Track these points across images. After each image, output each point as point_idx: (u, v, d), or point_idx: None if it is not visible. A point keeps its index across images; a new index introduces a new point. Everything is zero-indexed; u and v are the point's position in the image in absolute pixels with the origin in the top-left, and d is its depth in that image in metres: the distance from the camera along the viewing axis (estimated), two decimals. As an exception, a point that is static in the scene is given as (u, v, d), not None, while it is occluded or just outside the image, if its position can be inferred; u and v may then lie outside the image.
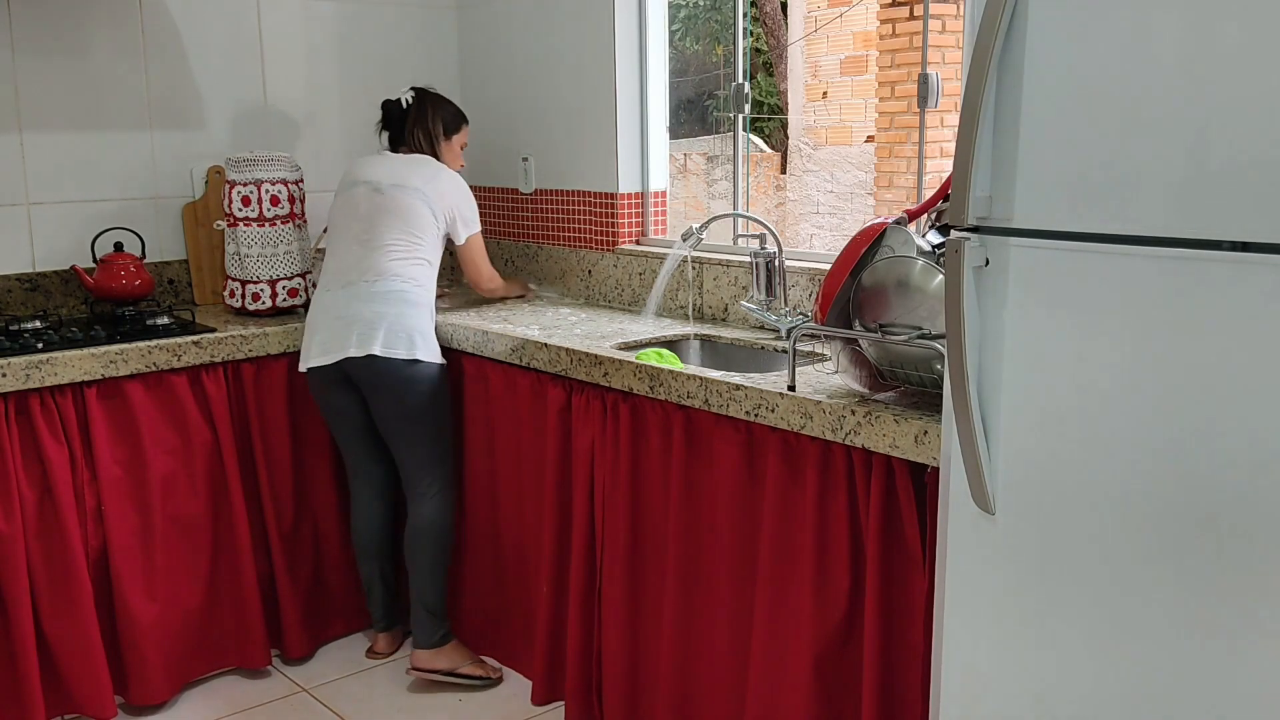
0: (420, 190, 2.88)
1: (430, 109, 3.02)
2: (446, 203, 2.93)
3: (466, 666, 2.90)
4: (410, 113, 3.01)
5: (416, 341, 2.79)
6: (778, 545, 2.15)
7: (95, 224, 3.14)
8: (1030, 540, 1.54)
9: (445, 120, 3.04)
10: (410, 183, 2.89)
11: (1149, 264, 1.36)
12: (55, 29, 3.03)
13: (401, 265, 2.83)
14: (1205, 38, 1.29)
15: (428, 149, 3.01)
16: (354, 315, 2.77)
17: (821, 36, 8.98)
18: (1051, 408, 1.49)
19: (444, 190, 2.92)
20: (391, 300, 2.79)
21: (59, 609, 2.62)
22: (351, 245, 2.86)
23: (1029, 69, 1.46)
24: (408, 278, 2.83)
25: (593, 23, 3.28)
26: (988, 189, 1.52)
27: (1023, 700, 1.58)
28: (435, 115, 3.02)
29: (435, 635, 2.89)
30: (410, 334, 2.78)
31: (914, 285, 1.90)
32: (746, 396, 2.15)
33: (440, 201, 2.91)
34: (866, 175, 8.23)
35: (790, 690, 2.15)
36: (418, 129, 3.01)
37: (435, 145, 3.02)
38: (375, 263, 2.82)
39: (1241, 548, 1.32)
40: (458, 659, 2.90)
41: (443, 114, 3.04)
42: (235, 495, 2.86)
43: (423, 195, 2.88)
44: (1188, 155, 1.32)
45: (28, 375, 2.52)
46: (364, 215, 2.87)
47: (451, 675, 2.88)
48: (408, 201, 2.87)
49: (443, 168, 2.97)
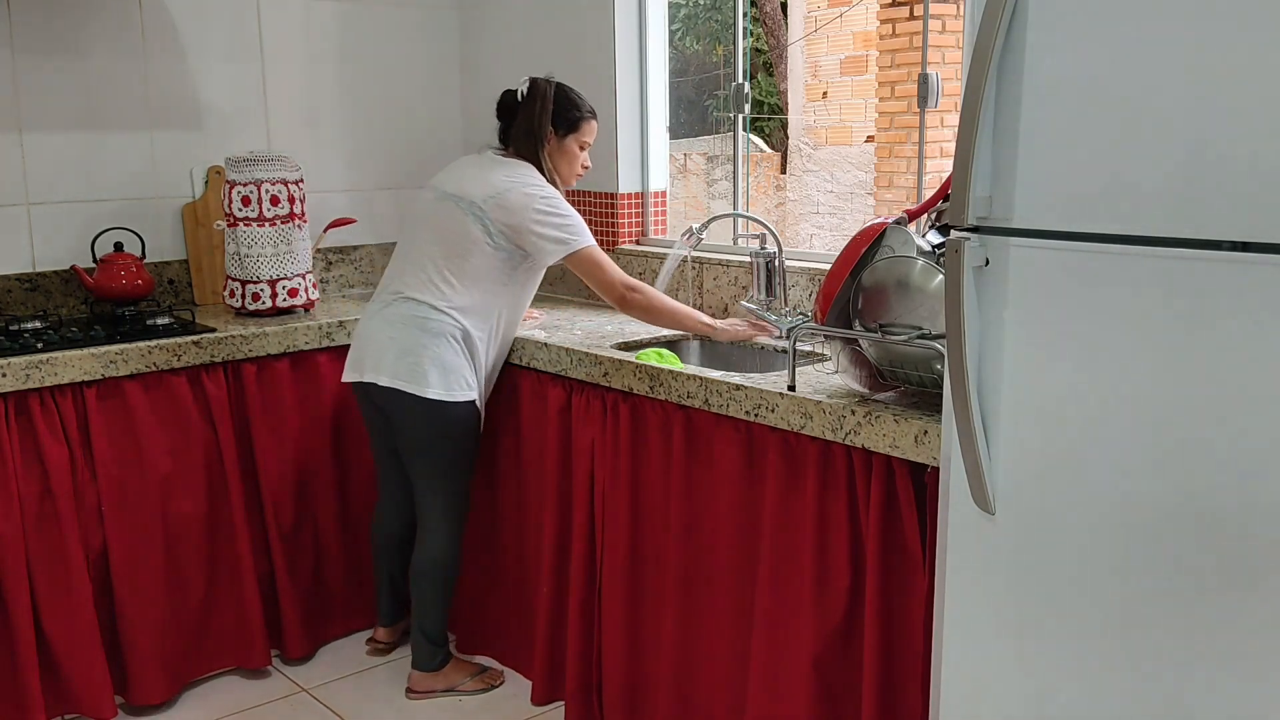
0: (475, 204, 2.59)
1: (539, 102, 2.66)
2: (511, 220, 2.57)
3: (465, 683, 2.87)
4: (520, 108, 2.69)
5: (428, 377, 2.58)
6: (778, 545, 2.15)
7: (95, 224, 3.14)
8: (1030, 540, 1.54)
9: (557, 115, 2.68)
10: (469, 193, 2.61)
11: (1149, 264, 1.36)
12: (55, 29, 3.03)
13: (429, 288, 2.61)
14: (1205, 38, 1.29)
15: (528, 150, 2.67)
16: (370, 335, 2.67)
17: (821, 36, 8.98)
18: (1051, 408, 1.49)
19: (508, 205, 2.57)
20: (409, 325, 2.61)
21: (59, 609, 2.62)
22: (394, 258, 2.74)
23: (1029, 69, 1.46)
24: (433, 302, 2.61)
25: (593, 23, 3.28)
26: (988, 189, 1.52)
27: (1023, 700, 1.58)
28: (543, 110, 2.66)
29: (433, 661, 2.84)
30: (421, 367, 2.58)
31: (914, 285, 1.90)
32: (746, 396, 2.15)
33: (499, 218, 2.57)
34: (866, 175, 8.23)
35: (790, 690, 2.15)
36: (520, 127, 2.68)
37: (540, 146, 2.67)
38: (403, 281, 2.66)
39: (1241, 547, 1.32)
40: (455, 678, 2.87)
41: (558, 106, 2.68)
42: (235, 495, 2.86)
43: (476, 210, 2.58)
44: (1187, 155, 1.32)
45: (28, 375, 2.52)
46: (413, 226, 2.72)
47: (447, 693, 2.86)
48: (455, 216, 2.60)
49: (526, 178, 2.62)
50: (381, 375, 2.62)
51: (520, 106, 2.68)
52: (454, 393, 2.61)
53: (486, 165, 2.68)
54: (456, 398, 2.62)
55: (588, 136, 2.74)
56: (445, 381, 2.60)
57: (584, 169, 2.78)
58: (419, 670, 2.84)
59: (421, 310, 2.61)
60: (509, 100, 2.72)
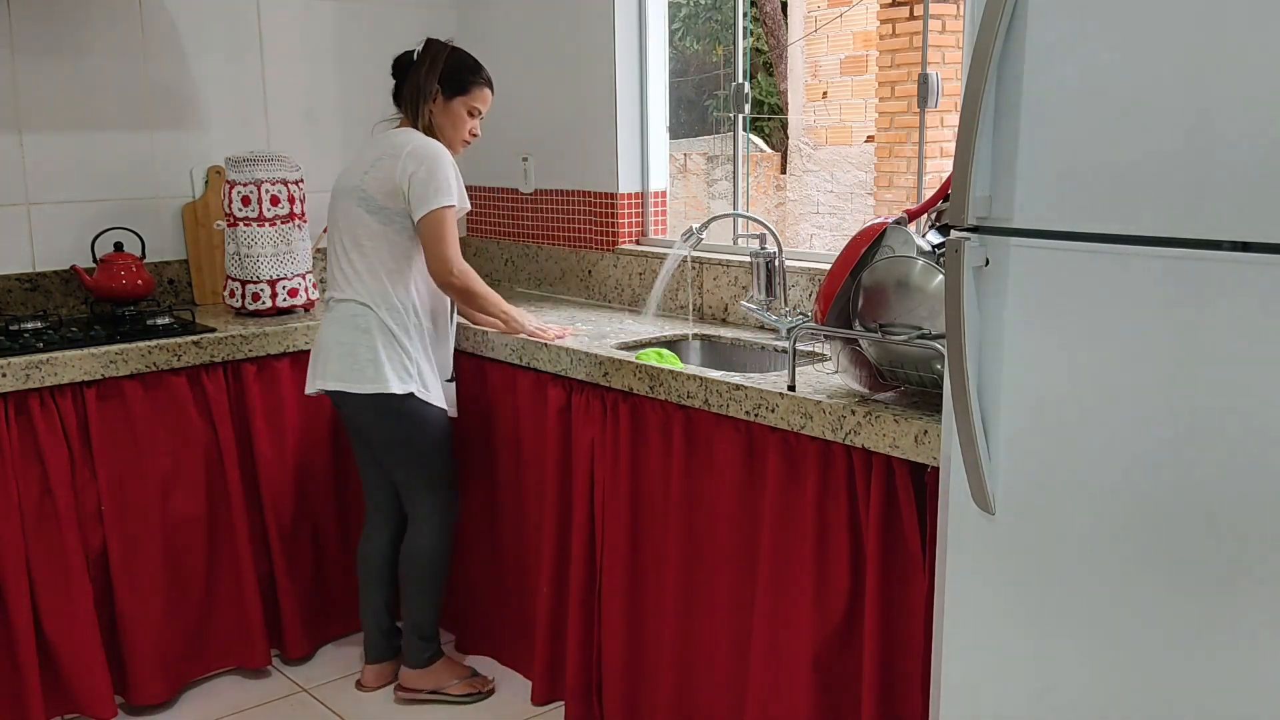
0: (358, 188, 2.57)
1: (428, 63, 2.59)
2: (388, 186, 2.52)
3: (453, 685, 2.83)
4: (410, 66, 2.62)
5: (367, 373, 2.56)
6: (778, 545, 2.15)
7: (95, 224, 3.14)
8: (1030, 540, 1.54)
9: (447, 76, 2.59)
10: (351, 180, 2.61)
11: (1149, 264, 1.36)
12: (55, 29, 3.03)
13: (348, 285, 2.61)
14: (1205, 37, 1.29)
15: (412, 110, 2.60)
16: (319, 342, 2.68)
17: (821, 36, 8.98)
18: (1051, 408, 1.49)
19: (382, 173, 2.52)
20: (344, 324, 2.60)
21: (59, 609, 2.62)
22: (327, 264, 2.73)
23: (1029, 69, 1.46)
24: (355, 298, 2.59)
25: (593, 23, 3.28)
26: (988, 189, 1.52)
27: (1023, 700, 1.58)
28: (431, 69, 2.58)
29: (423, 656, 2.82)
30: (364, 363, 2.57)
31: (914, 285, 1.90)
32: (746, 396, 2.15)
33: (378, 188, 2.53)
34: (866, 175, 8.23)
35: (790, 690, 2.15)
36: (409, 83, 2.61)
37: (422, 104, 2.57)
38: (333, 285, 2.67)
39: (1240, 547, 1.32)
40: (444, 678, 2.84)
41: (448, 66, 2.60)
42: (235, 495, 2.86)
43: (359, 194, 2.57)
44: (1187, 155, 1.32)
45: (28, 375, 2.52)
46: (330, 226, 2.71)
47: (437, 693, 2.83)
48: (344, 208, 2.61)
49: (394, 140, 2.55)
50: (328, 380, 2.62)
51: (410, 66, 2.62)
52: (391, 385, 2.57)
53: (372, 145, 2.64)
54: (394, 389, 2.57)
55: (479, 103, 2.66)
56: (380, 375, 2.57)
57: (472, 136, 2.69)
58: (407, 667, 2.83)
59: (350, 309, 2.60)
60: (404, 60, 2.66)
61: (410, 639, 2.82)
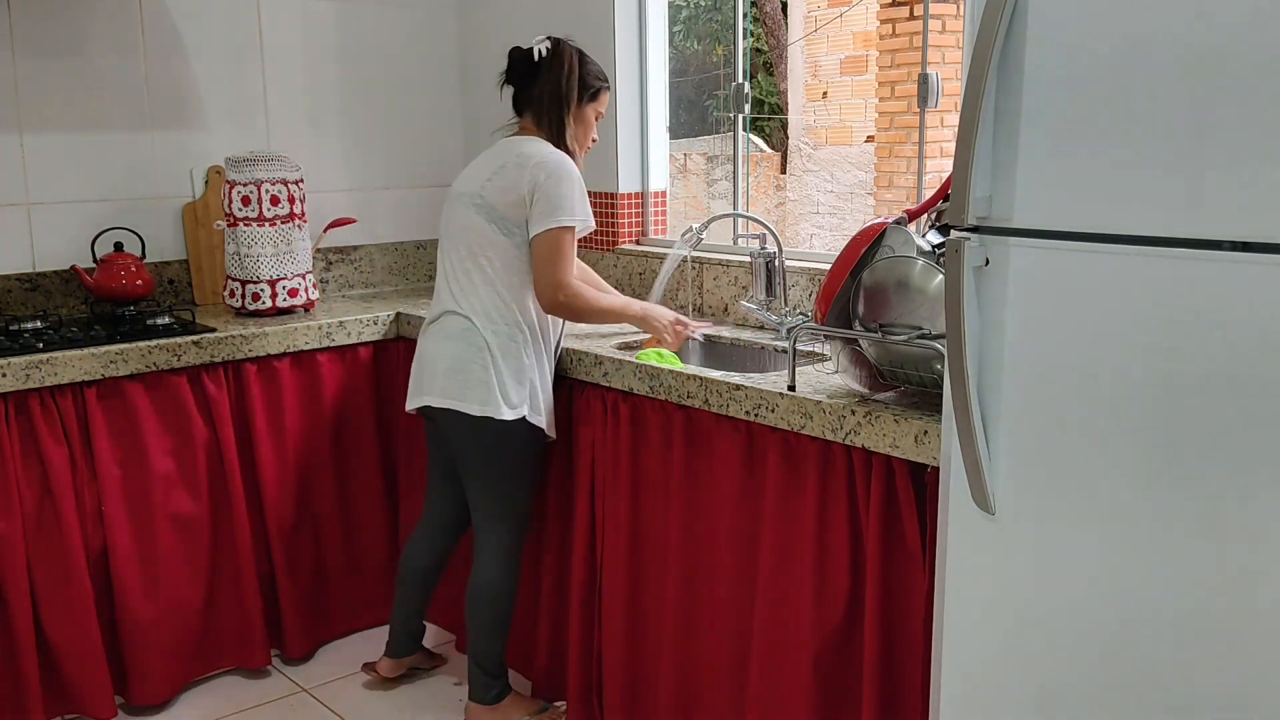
0: (477, 195, 2.47)
1: (567, 66, 2.49)
2: (512, 197, 2.43)
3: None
4: (542, 68, 2.50)
5: (474, 393, 2.45)
6: (778, 545, 2.15)
7: (95, 224, 3.14)
8: (1030, 540, 1.54)
9: (583, 81, 2.51)
10: (469, 186, 2.50)
11: (1149, 264, 1.36)
12: (55, 29, 3.03)
13: (463, 298, 2.49)
14: (1205, 36, 1.29)
15: (551, 115, 2.50)
16: (423, 355, 2.58)
17: (821, 36, 8.98)
18: (1052, 407, 1.49)
19: (506, 182, 2.44)
20: (454, 340, 2.49)
21: (59, 609, 2.62)
22: (438, 273, 2.62)
23: (1029, 69, 1.46)
24: (474, 310, 2.48)
25: (593, 23, 3.28)
26: (988, 189, 1.52)
27: (1023, 700, 1.58)
28: (571, 72, 2.48)
29: (489, 694, 2.66)
30: (472, 383, 2.46)
31: (914, 285, 1.90)
32: (746, 396, 2.15)
33: (500, 199, 2.44)
34: (866, 175, 8.23)
35: (790, 690, 2.15)
36: (545, 89, 2.50)
37: (565, 111, 2.49)
38: (444, 295, 2.55)
39: (1241, 538, 1.32)
40: (513, 715, 2.68)
41: (582, 71, 2.51)
42: (235, 495, 2.86)
43: (478, 201, 2.47)
44: (1188, 154, 1.32)
45: (28, 375, 2.52)
46: (442, 236, 2.60)
47: None
48: (464, 215, 2.50)
49: (522, 149, 2.47)
50: (434, 395, 2.51)
51: (542, 68, 2.49)
52: (498, 410, 2.45)
53: (490, 153, 2.55)
54: (502, 415, 2.46)
55: (603, 106, 2.61)
56: (488, 398, 2.45)
57: (593, 141, 2.64)
58: (474, 703, 2.68)
59: (462, 324, 2.48)
60: (523, 60, 2.52)
61: (475, 674, 2.67)
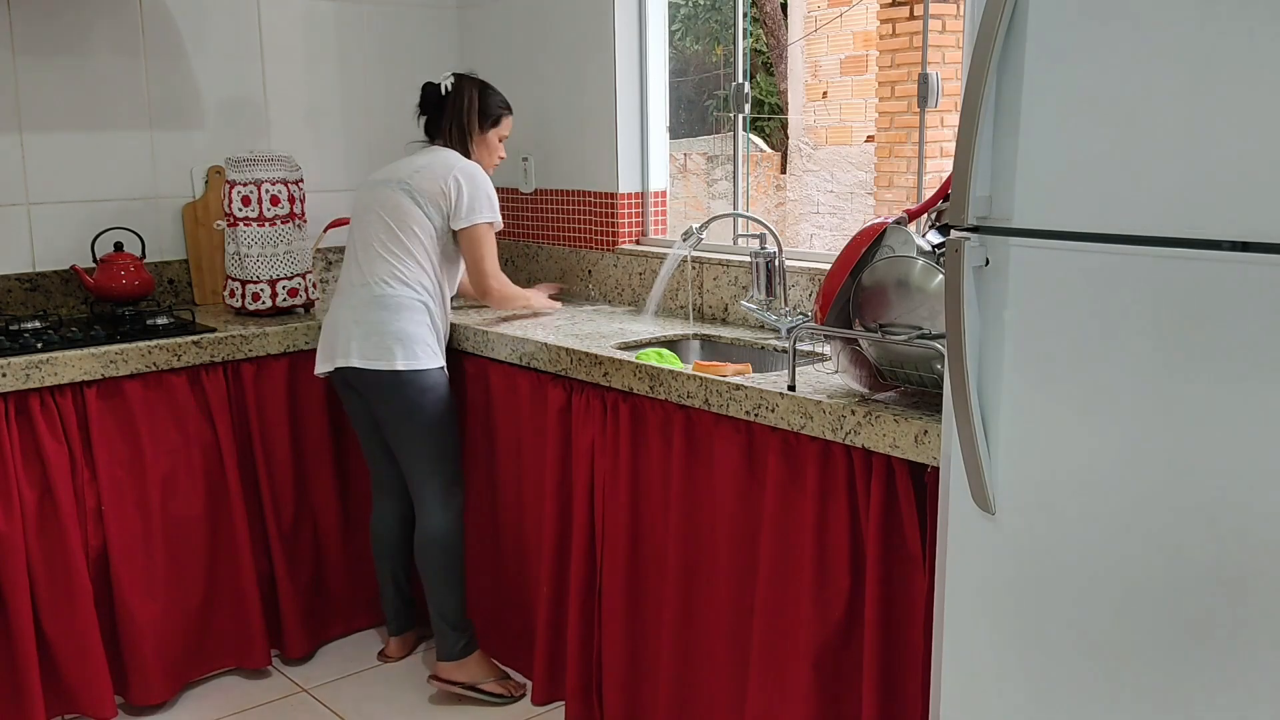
0: (404, 182, 2.77)
1: (467, 98, 2.87)
2: (435, 188, 2.75)
3: (488, 683, 2.82)
4: (447, 100, 2.87)
5: (395, 351, 2.68)
6: (778, 545, 2.15)
7: (95, 224, 3.14)
8: (1030, 540, 1.54)
9: (483, 110, 2.88)
10: (398, 175, 2.79)
11: (1149, 264, 1.36)
12: (55, 29, 3.03)
13: (383, 266, 2.74)
14: (1205, 36, 1.29)
15: (458, 142, 2.87)
16: (339, 321, 2.75)
17: (821, 36, 8.98)
18: (1051, 407, 1.49)
19: (432, 173, 2.76)
20: (372, 306, 2.71)
21: (59, 609, 2.62)
22: (349, 249, 2.84)
23: (1029, 69, 1.46)
24: (391, 279, 2.73)
25: (593, 23, 3.28)
26: (988, 189, 1.52)
27: (1023, 700, 1.58)
28: (471, 105, 2.87)
29: (456, 647, 2.81)
30: (389, 343, 2.68)
31: (914, 285, 1.90)
32: (746, 396, 2.15)
33: (426, 187, 2.75)
34: (866, 175, 8.23)
35: (790, 690, 2.15)
36: (452, 119, 2.87)
37: (468, 138, 2.87)
38: (361, 266, 2.77)
39: (1243, 544, 1.32)
40: (479, 673, 2.83)
41: (482, 103, 2.88)
42: (235, 495, 2.86)
43: (405, 186, 2.76)
44: (1188, 155, 1.32)
45: (28, 375, 2.52)
46: (359, 215, 2.83)
47: (471, 690, 2.81)
48: (390, 196, 2.77)
49: (451, 161, 2.80)
50: (351, 358, 2.70)
51: (447, 101, 2.87)
52: (419, 361, 2.71)
53: (413, 155, 2.87)
54: (424, 365, 2.71)
55: (506, 130, 2.96)
56: (410, 352, 2.69)
57: (500, 159, 2.98)
58: (442, 660, 2.83)
59: (380, 289, 2.72)
60: (433, 94, 2.90)
61: (440, 628, 2.82)
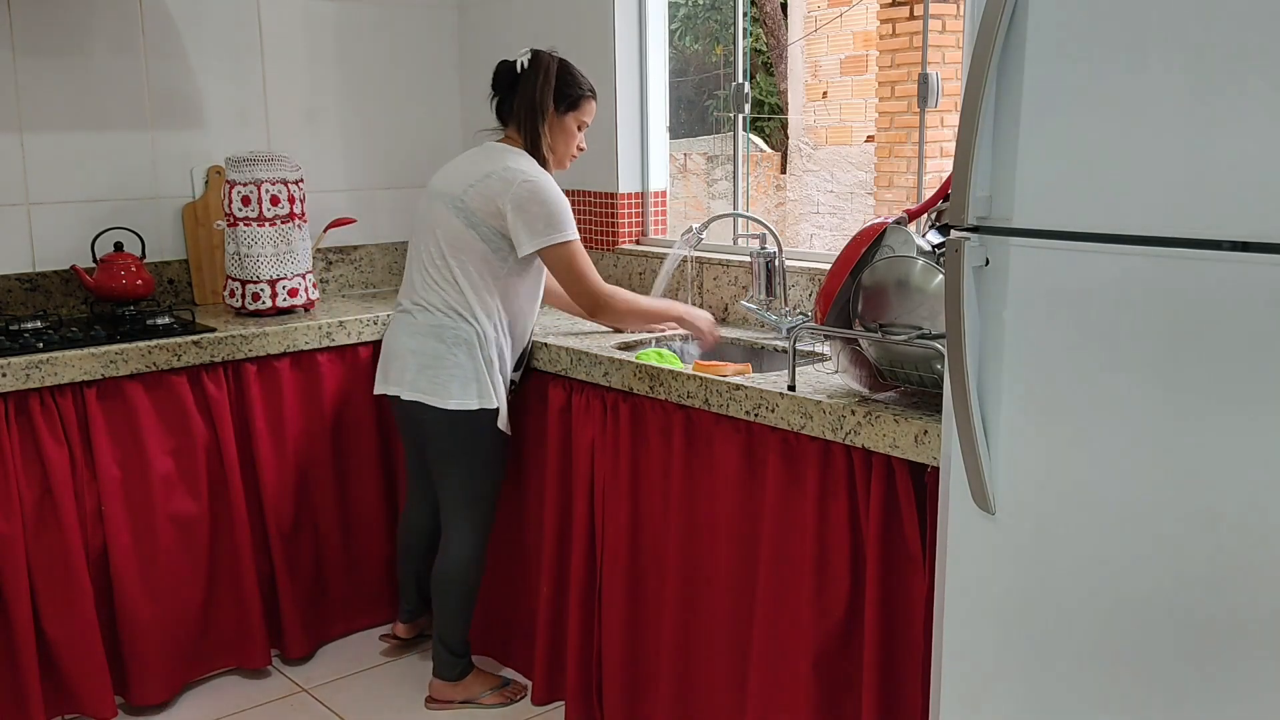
0: (457, 197, 2.56)
1: (542, 76, 2.59)
2: (490, 206, 2.52)
3: (485, 696, 2.81)
4: (521, 79, 2.61)
5: (450, 387, 2.56)
6: (778, 545, 2.15)
7: (95, 224, 3.14)
8: (1030, 540, 1.54)
9: (560, 90, 2.61)
10: (451, 188, 2.59)
11: (1149, 264, 1.36)
12: (55, 29, 3.03)
13: (437, 295, 2.59)
14: (1205, 35, 1.29)
15: (528, 127, 2.61)
16: (394, 348, 2.67)
17: (821, 36, 8.98)
18: (1051, 408, 1.49)
19: (488, 190, 2.53)
20: (426, 336, 2.59)
21: (59, 609, 2.62)
22: (407, 265, 2.71)
23: (1029, 69, 1.46)
24: (444, 309, 2.58)
25: (593, 23, 3.28)
26: (988, 189, 1.52)
27: (1023, 699, 1.58)
28: (546, 85, 2.59)
29: (453, 671, 2.79)
30: (443, 377, 2.57)
31: (914, 285, 1.90)
32: (746, 396, 2.15)
33: (479, 205, 2.54)
34: (866, 175, 8.23)
35: (790, 690, 2.15)
36: (523, 101, 2.60)
37: (540, 123, 2.60)
38: (414, 289, 2.64)
39: (1243, 543, 1.32)
40: (476, 690, 2.81)
41: (560, 83, 2.61)
42: (235, 495, 2.86)
43: (458, 203, 2.55)
44: (1188, 155, 1.32)
45: (28, 375, 2.52)
46: (416, 230, 2.69)
47: (469, 704, 2.80)
48: (443, 214, 2.58)
49: (510, 162, 2.56)
50: (404, 389, 2.62)
51: (521, 79, 2.60)
52: (473, 401, 2.58)
53: (475, 156, 2.64)
54: (477, 405, 2.58)
55: (587, 116, 2.68)
56: (465, 391, 2.57)
57: (579, 150, 2.72)
58: (438, 679, 2.80)
59: (435, 319, 2.58)
60: (507, 72, 2.63)
61: (439, 652, 2.79)
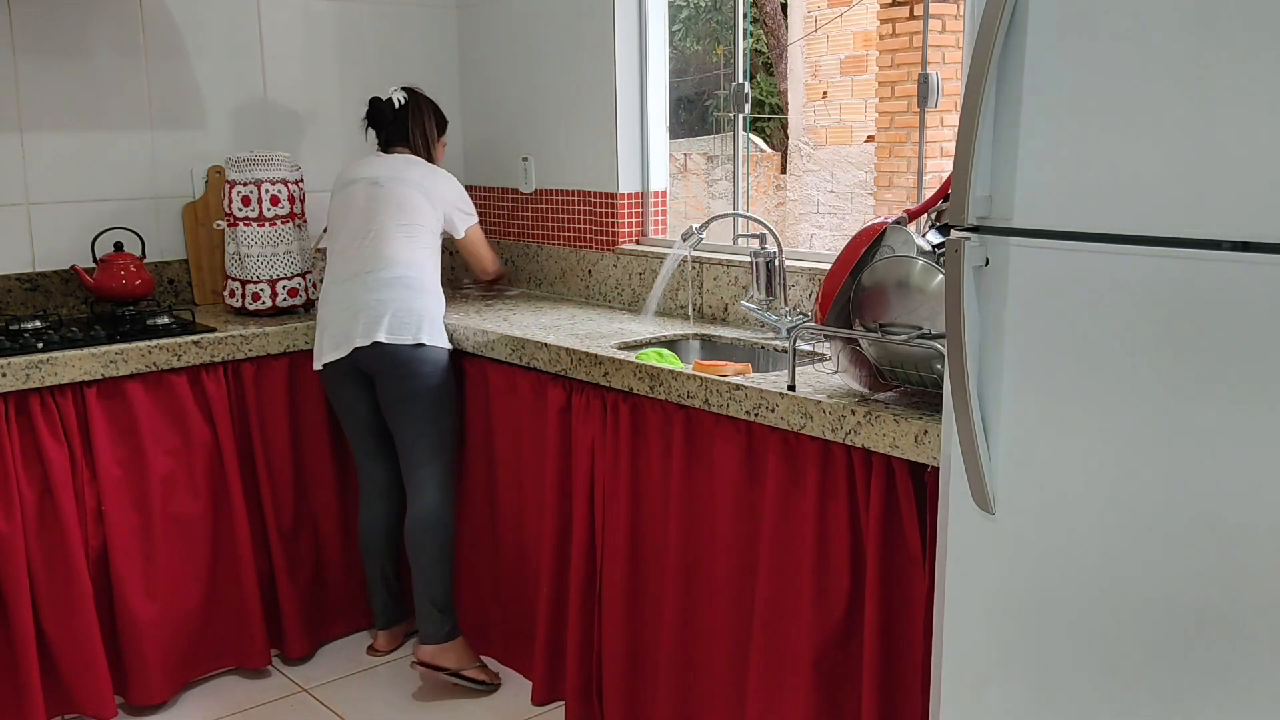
0: (419, 184, 2.94)
1: (425, 110, 3.09)
2: (446, 198, 3.00)
3: (471, 669, 2.86)
4: (407, 112, 3.06)
5: (423, 326, 2.81)
6: (778, 545, 2.15)
7: (95, 224, 3.14)
8: (1030, 540, 1.54)
9: (437, 120, 3.13)
10: (408, 176, 2.94)
11: (1149, 264, 1.36)
12: (56, 29, 3.03)
13: (403, 252, 2.86)
14: (1205, 35, 1.29)
15: (423, 150, 3.08)
16: (360, 305, 2.80)
17: (821, 36, 8.98)
18: (1051, 407, 1.49)
19: (441, 185, 2.99)
20: (395, 286, 2.81)
21: (59, 609, 2.62)
22: (352, 239, 2.89)
23: (1029, 69, 1.46)
24: (410, 264, 2.86)
25: (593, 23, 3.28)
26: (988, 189, 1.52)
27: (1023, 699, 1.58)
28: (429, 116, 3.10)
29: (442, 630, 2.84)
30: (415, 319, 2.81)
31: (914, 285, 1.90)
32: (746, 396, 2.15)
33: (439, 195, 2.98)
34: (866, 175, 8.23)
35: (790, 690, 2.15)
36: (415, 129, 3.07)
37: (431, 146, 3.10)
38: (377, 252, 2.85)
39: (1243, 543, 1.32)
40: (464, 659, 2.87)
41: (434, 115, 3.12)
42: (235, 495, 2.86)
43: (421, 188, 2.94)
44: (1187, 155, 1.32)
45: (28, 375, 2.52)
46: (362, 209, 2.90)
47: (455, 675, 2.85)
48: (406, 193, 2.92)
49: (435, 167, 3.04)
50: (379, 334, 2.77)
51: (407, 114, 3.06)
52: (441, 340, 2.86)
53: (401, 160, 3.00)
54: (443, 344, 2.86)
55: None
56: (434, 332, 2.84)
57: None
58: (425, 643, 2.85)
59: (402, 271, 2.85)
60: (385, 108, 3.06)
61: (425, 609, 2.84)
